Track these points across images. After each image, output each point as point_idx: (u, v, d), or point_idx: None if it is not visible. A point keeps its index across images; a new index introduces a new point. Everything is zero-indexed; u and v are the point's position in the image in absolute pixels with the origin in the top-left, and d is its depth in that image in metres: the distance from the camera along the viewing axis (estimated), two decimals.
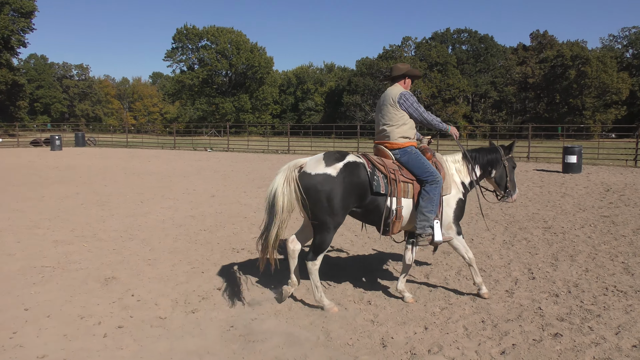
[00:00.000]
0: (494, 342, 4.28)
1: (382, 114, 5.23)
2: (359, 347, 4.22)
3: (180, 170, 19.42)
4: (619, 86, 61.97)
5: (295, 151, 31.24)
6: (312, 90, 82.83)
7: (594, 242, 7.72)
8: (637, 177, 16.47)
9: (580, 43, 72.00)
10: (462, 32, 77.91)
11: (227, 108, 74.35)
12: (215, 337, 4.39)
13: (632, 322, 4.63)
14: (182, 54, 77.47)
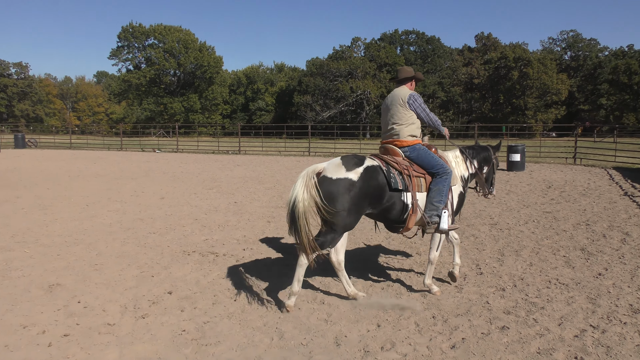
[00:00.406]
0: (444, 337, 4.38)
1: (391, 113, 5.42)
2: (313, 346, 4.23)
3: (128, 172, 18.93)
4: (558, 87, 64.63)
5: (247, 152, 31.00)
6: (262, 90, 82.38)
7: (538, 237, 8.02)
8: (576, 174, 17.22)
9: (522, 45, 74.67)
10: (410, 34, 79.35)
11: (175, 108, 72.94)
12: (166, 341, 4.31)
13: (574, 313, 4.83)
14: (128, 53, 75.48)
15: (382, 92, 64.40)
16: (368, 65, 66.59)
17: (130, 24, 73.22)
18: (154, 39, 73.83)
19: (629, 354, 4.00)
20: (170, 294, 5.44)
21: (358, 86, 64.07)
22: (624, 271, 6.15)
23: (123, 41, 74.11)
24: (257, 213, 10.20)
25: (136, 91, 74.92)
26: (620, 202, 11.23)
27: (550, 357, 3.97)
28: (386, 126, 5.53)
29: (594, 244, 7.49)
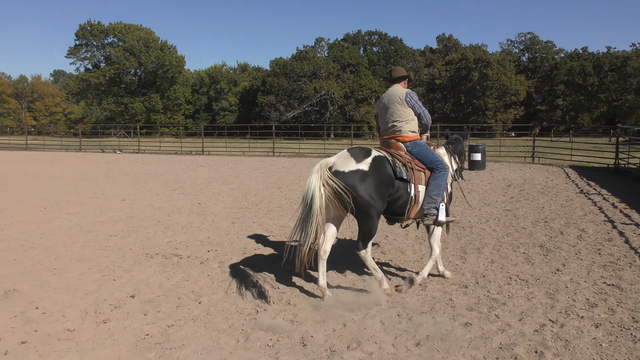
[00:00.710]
0: (409, 334, 4.43)
1: (391, 111, 5.66)
2: (279, 347, 4.22)
3: (87, 173, 18.47)
4: (517, 88, 66.30)
5: (210, 152, 30.67)
6: (225, 90, 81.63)
7: (498, 234, 8.20)
8: (534, 172, 17.68)
9: (482, 47, 76.33)
10: (372, 34, 79.94)
11: (136, 108, 71.55)
12: (129, 346, 4.22)
13: (534, 309, 4.96)
14: (87, 51, 73.59)
15: (346, 93, 64.73)
16: (332, 65, 66.79)
17: (89, 22, 71.45)
18: (114, 38, 72.22)
19: (586, 347, 4.13)
20: (132, 298, 5.33)
21: (322, 86, 64.20)
22: (581, 266, 6.35)
23: (81, 39, 72.21)
24: (222, 214, 10.11)
25: (95, 91, 73.12)
26: (576, 199, 11.59)
27: (511, 352, 4.06)
28: (386, 124, 5.75)
29: (552, 241, 7.71)
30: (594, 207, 10.60)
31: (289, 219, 9.56)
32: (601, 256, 6.83)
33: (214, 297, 5.36)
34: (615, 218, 9.41)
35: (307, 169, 19.91)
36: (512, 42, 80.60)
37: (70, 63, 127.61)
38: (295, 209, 10.52)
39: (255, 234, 8.38)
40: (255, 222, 9.36)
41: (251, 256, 7.00)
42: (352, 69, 68.51)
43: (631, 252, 7.00)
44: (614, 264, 6.44)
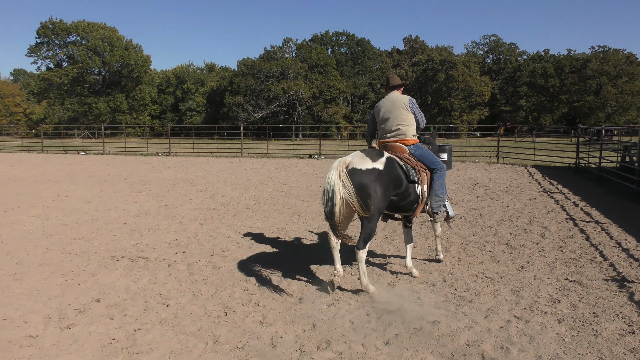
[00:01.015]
0: (378, 333, 4.46)
1: (395, 115, 5.94)
2: (249, 349, 4.20)
3: (50, 175, 18.01)
4: (482, 89, 67.55)
5: (177, 153, 30.29)
6: (192, 90, 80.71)
7: (465, 233, 8.34)
8: (499, 172, 18.04)
9: (448, 48, 77.48)
10: (340, 35, 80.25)
11: (101, 108, 70.07)
12: (95, 352, 4.14)
13: (499, 306, 5.06)
14: (48, 50, 71.66)
15: (314, 93, 64.81)
16: (300, 66, 66.77)
17: (50, 20, 69.61)
18: (77, 36, 70.56)
19: (550, 342, 4.24)
20: (98, 302, 5.23)
21: (290, 87, 64.13)
22: (544, 264, 6.52)
23: (42, 38, 70.29)
24: (189, 216, 10.00)
25: (58, 90, 71.28)
26: (539, 198, 11.87)
27: (478, 349, 4.14)
28: (390, 127, 6.00)
29: (517, 239, 7.88)
30: (556, 205, 10.88)
31: (258, 220, 9.52)
32: (563, 253, 7.02)
33: (182, 300, 5.30)
34: (576, 216, 9.68)
35: (275, 169, 19.87)
36: (477, 44, 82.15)
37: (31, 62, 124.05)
38: (265, 210, 10.49)
39: (224, 235, 8.31)
40: (223, 223, 9.28)
41: (220, 258, 6.94)
42: (320, 70, 68.63)
43: (592, 249, 7.21)
44: (575, 261, 6.63)
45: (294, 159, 26.79)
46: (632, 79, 64.61)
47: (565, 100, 68.15)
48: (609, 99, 64.52)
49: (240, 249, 7.46)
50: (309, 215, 9.99)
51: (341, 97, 69.42)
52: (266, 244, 7.69)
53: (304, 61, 69.04)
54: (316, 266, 6.53)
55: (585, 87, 66.55)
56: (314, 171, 19.14)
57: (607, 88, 64.41)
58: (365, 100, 73.54)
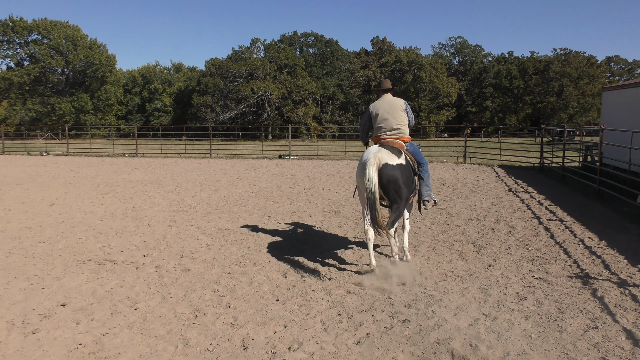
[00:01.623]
0: (350, 333, 4.48)
1: (394, 116, 6.50)
2: (220, 351, 4.17)
3: (12, 177, 17.50)
4: (448, 90, 68.53)
5: (144, 154, 29.81)
6: (159, 90, 79.58)
7: (434, 232, 8.45)
8: (466, 172, 18.33)
9: (415, 50, 78.34)
10: (309, 36, 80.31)
11: (64, 109, 68.39)
12: (61, 357, 4.04)
13: (468, 304, 5.15)
14: (9, 49, 69.58)
15: (283, 93, 64.69)
16: (268, 66, 66.56)
17: (10, 18, 67.60)
18: (38, 35, 68.72)
19: (517, 339, 4.33)
20: (63, 306, 5.11)
21: (259, 87, 63.87)
22: (511, 262, 6.65)
23: (2, 36, 68.21)
24: (157, 217, 9.85)
25: (19, 90, 69.27)
26: (505, 197, 12.11)
27: (448, 346, 4.19)
28: (391, 126, 6.50)
29: (484, 238, 8.02)
30: (522, 204, 11.12)
31: (228, 221, 9.44)
32: (529, 251, 7.18)
33: (151, 303, 5.22)
34: (541, 215, 9.91)
35: (244, 170, 19.74)
36: (444, 45, 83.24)
37: None
38: (235, 211, 10.41)
39: (193, 237, 8.22)
40: (192, 225, 9.18)
41: (189, 260, 6.86)
42: (288, 70, 68.56)
43: (556, 247, 7.40)
44: (540, 259, 6.79)
45: (264, 159, 26.67)
46: (592, 81, 66.51)
47: (529, 101, 69.75)
48: (570, 100, 66.31)
49: (210, 250, 7.39)
50: (279, 216, 9.96)
51: (310, 97, 69.45)
52: (236, 245, 7.64)
53: (273, 61, 68.87)
54: (287, 266, 6.51)
55: (548, 89, 68.23)
56: (284, 172, 19.09)
57: (569, 89, 66.19)
58: (334, 101, 73.75)
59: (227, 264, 6.69)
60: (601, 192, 12.05)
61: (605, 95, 18.29)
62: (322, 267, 6.51)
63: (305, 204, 11.51)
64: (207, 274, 6.25)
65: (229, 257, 6.99)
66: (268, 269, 6.40)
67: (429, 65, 68.46)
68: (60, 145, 38.33)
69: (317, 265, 6.55)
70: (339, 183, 15.34)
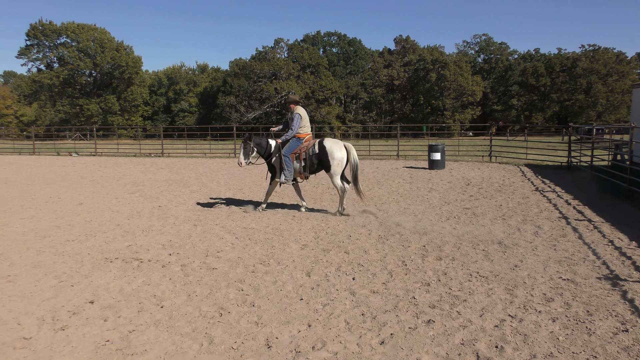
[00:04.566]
0: (373, 333, 4.47)
1: (308, 121, 10.42)
2: (244, 350, 4.19)
3: (42, 177, 17.90)
4: (473, 88, 67.75)
5: (170, 154, 30.19)
6: (185, 91, 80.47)
7: (459, 232, 8.36)
8: (492, 171, 18.11)
9: (439, 48, 77.65)
10: (332, 35, 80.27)
11: (92, 110, 69.67)
12: (89, 353, 4.12)
13: (493, 304, 5.08)
14: (39, 52, 71.11)
15: (307, 93, 64.76)
16: (292, 66, 66.71)
17: (40, 22, 69.10)
18: (67, 38, 70.13)
19: (544, 341, 4.26)
20: (92, 304, 5.21)
21: (282, 87, 64.07)
22: (538, 262, 6.55)
23: (32, 39, 69.76)
24: (183, 217, 9.97)
25: (49, 92, 70.83)
26: (532, 197, 11.93)
27: (473, 348, 4.15)
28: (309, 128, 10.32)
29: (510, 238, 7.91)
30: (549, 204, 10.94)
31: (252, 221, 9.50)
32: (556, 252, 7.06)
33: (177, 301, 5.29)
34: (569, 214, 9.74)
35: None
36: (468, 43, 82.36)
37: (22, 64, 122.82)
38: (259, 210, 10.47)
39: (218, 236, 8.30)
40: (217, 224, 9.26)
41: (214, 259, 6.93)
42: (312, 70, 68.61)
43: (585, 248, 7.26)
44: (568, 259, 6.66)
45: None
46: (621, 78, 65.07)
47: (556, 99, 68.56)
48: (599, 98, 64.97)
49: (234, 249, 7.45)
50: (302, 215, 9.99)
51: (333, 97, 69.43)
52: (260, 245, 7.68)
53: (296, 61, 69.00)
54: (311, 265, 6.53)
55: (575, 86, 66.97)
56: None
57: (597, 87, 64.85)
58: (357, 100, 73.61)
59: (252, 263, 6.73)
60: (631, 191, 11.79)
61: (635, 92, 17.85)
62: (345, 266, 6.51)
63: (329, 203, 11.52)
64: (231, 272, 6.30)
65: (253, 256, 7.03)
66: (292, 268, 6.43)
67: (453, 64, 67.78)
68: (88, 145, 39.06)
69: (341, 265, 6.55)
70: (363, 182, 15.30)
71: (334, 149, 9.91)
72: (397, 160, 24.29)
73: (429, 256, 6.93)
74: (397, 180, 15.65)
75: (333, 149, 9.90)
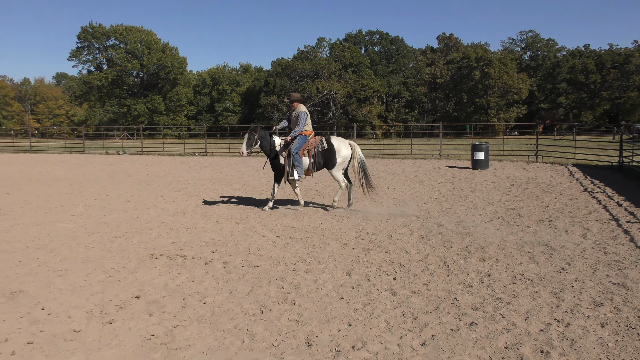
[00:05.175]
0: (414, 334, 4.42)
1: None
2: (284, 347, 4.22)
3: (91, 175, 18.52)
4: (519, 86, 66.15)
5: (213, 153, 30.70)
6: (228, 91, 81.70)
7: (503, 233, 8.18)
8: (538, 171, 17.65)
9: (483, 45, 76.18)
10: (373, 34, 79.92)
11: (139, 110, 71.69)
12: (135, 347, 4.23)
13: (539, 308, 4.95)
14: (89, 54, 73.68)
15: (348, 92, 64.68)
16: (333, 65, 66.78)
17: (90, 25, 71.57)
18: (115, 40, 72.36)
19: (592, 347, 4.12)
20: (137, 299, 5.34)
21: (324, 86, 64.21)
22: (586, 265, 6.34)
23: (83, 42, 72.34)
24: (225, 215, 10.12)
25: (98, 93, 73.28)
26: (580, 198, 11.56)
27: (517, 352, 4.05)
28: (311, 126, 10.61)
29: (557, 240, 7.69)
30: (598, 205, 10.58)
31: (293, 219, 9.56)
32: (606, 255, 6.81)
33: (219, 298, 5.37)
34: (620, 216, 9.39)
35: None
36: (514, 40, 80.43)
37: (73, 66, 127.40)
38: (300, 209, 10.52)
39: (259, 234, 8.38)
40: (259, 222, 9.36)
41: (255, 256, 7.00)
42: (353, 69, 68.48)
43: (636, 251, 6.98)
44: (619, 263, 6.42)
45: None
46: None
47: (607, 96, 66.17)
48: None
49: (275, 247, 7.51)
50: (343, 214, 9.98)
51: (375, 96, 69.10)
52: (301, 243, 7.72)
53: (338, 60, 69.02)
54: (351, 265, 6.51)
55: (628, 83, 64.45)
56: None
57: None
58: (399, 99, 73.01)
59: (292, 261, 6.77)
60: None
61: None
62: (386, 266, 6.47)
63: (370, 202, 11.48)
64: (272, 270, 6.35)
65: (294, 255, 7.07)
66: (332, 267, 6.43)
67: (498, 61, 66.33)
68: (135, 144, 40.15)
69: (382, 265, 6.51)
70: (405, 182, 15.18)
71: (341, 147, 10.52)
72: (439, 160, 23.98)
73: (472, 257, 6.80)
74: (439, 180, 15.45)
75: (341, 147, 10.51)
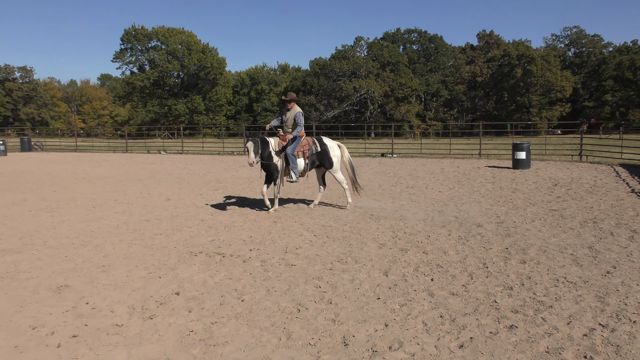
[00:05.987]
0: (452, 336, 4.36)
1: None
2: (321, 346, 4.23)
3: (133, 173, 18.98)
4: (562, 84, 64.41)
5: None
6: (266, 90, 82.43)
7: (544, 235, 7.99)
8: (582, 171, 17.15)
9: (525, 42, 74.47)
10: (412, 32, 79.23)
11: (180, 110, 73.11)
12: (174, 342, 4.31)
13: (582, 312, 4.81)
14: (132, 55, 75.60)
15: (386, 91, 64.31)
16: (371, 64, 66.50)
17: (133, 27, 73.38)
18: (157, 41, 73.98)
19: (639, 353, 3.98)
20: (177, 295, 5.45)
21: (361, 85, 64.02)
22: (633, 269, 6.12)
23: (126, 44, 74.27)
24: (263, 213, 10.21)
25: (140, 93, 75.11)
26: (627, 199, 11.18)
27: (559, 357, 3.95)
28: None
29: (602, 242, 7.46)
30: None
31: (330, 219, 9.57)
32: None
33: (256, 295, 5.42)
34: None
35: None
36: (557, 36, 78.49)
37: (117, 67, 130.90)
38: (337, 209, 10.53)
39: (297, 233, 8.43)
40: (296, 221, 9.41)
41: (292, 255, 7.04)
42: (391, 68, 68.02)
43: None
44: None
45: (366, 157, 26.72)
46: None
47: None
48: None
49: (312, 246, 7.53)
50: (380, 214, 9.93)
51: (413, 95, 68.46)
52: (338, 243, 7.72)
53: (376, 59, 68.69)
54: (389, 265, 6.47)
55: None
56: (386, 170, 19.00)
57: None
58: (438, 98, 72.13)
59: (329, 260, 6.77)
60: None
61: None
62: (424, 267, 6.40)
63: (407, 202, 11.38)
64: (309, 269, 6.37)
65: (330, 254, 7.07)
66: (369, 267, 6.41)
67: (540, 59, 64.73)
68: (175, 144, 40.93)
69: (419, 265, 6.45)
70: (443, 182, 14.99)
71: (333, 147, 10.61)
72: (479, 160, 23.58)
73: (512, 259, 6.67)
74: (478, 180, 15.20)
75: (333, 147, 10.61)
